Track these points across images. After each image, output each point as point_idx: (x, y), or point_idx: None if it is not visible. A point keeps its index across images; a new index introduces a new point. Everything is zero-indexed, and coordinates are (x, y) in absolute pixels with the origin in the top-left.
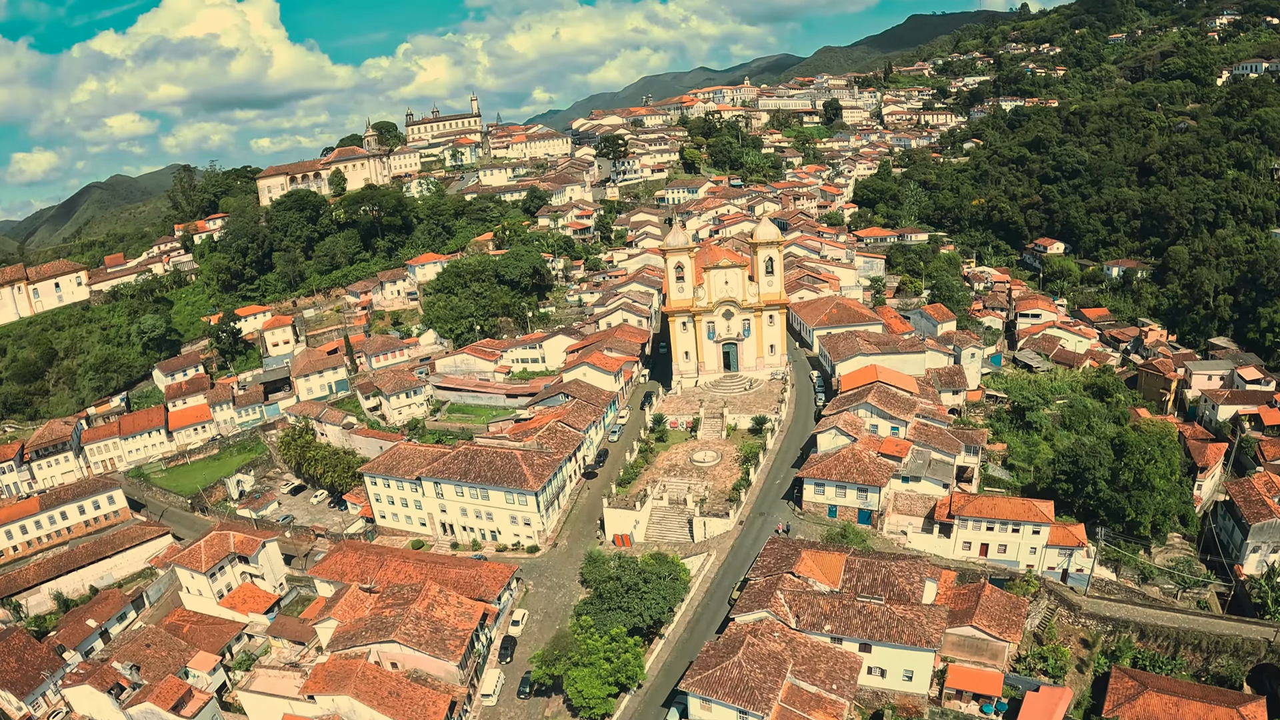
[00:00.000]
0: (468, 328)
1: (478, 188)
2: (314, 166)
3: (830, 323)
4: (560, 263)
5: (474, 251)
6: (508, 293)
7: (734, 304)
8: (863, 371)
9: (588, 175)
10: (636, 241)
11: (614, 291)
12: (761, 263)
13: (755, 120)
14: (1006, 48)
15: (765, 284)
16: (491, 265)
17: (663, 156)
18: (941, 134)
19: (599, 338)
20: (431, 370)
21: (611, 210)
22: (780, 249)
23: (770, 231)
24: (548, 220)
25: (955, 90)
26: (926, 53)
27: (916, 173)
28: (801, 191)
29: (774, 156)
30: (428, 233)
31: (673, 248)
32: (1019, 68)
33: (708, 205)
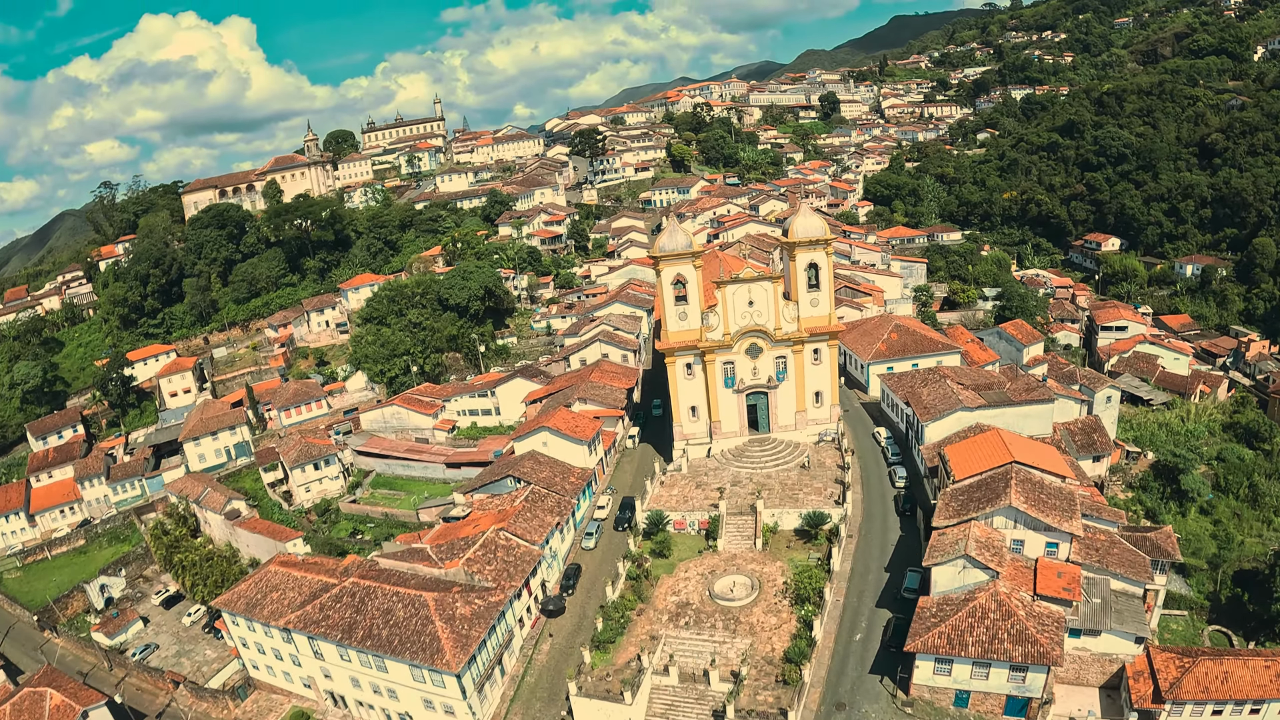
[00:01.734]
0: (403, 368)
1: (433, 195)
2: (246, 178)
3: (892, 353)
4: (524, 280)
5: (417, 270)
6: (454, 321)
7: (763, 334)
8: (979, 443)
9: (560, 177)
10: (619, 251)
11: (590, 316)
12: (801, 272)
13: (747, 116)
14: (1006, 36)
15: (808, 303)
16: (434, 287)
17: (647, 154)
18: (950, 126)
19: (569, 381)
20: (356, 426)
21: (588, 216)
22: (830, 251)
23: (814, 226)
24: (509, 229)
25: (957, 82)
26: (919, 46)
27: (931, 166)
28: (810, 188)
29: (773, 152)
30: (367, 249)
31: (669, 254)
32: (1024, 55)
33: (703, 205)
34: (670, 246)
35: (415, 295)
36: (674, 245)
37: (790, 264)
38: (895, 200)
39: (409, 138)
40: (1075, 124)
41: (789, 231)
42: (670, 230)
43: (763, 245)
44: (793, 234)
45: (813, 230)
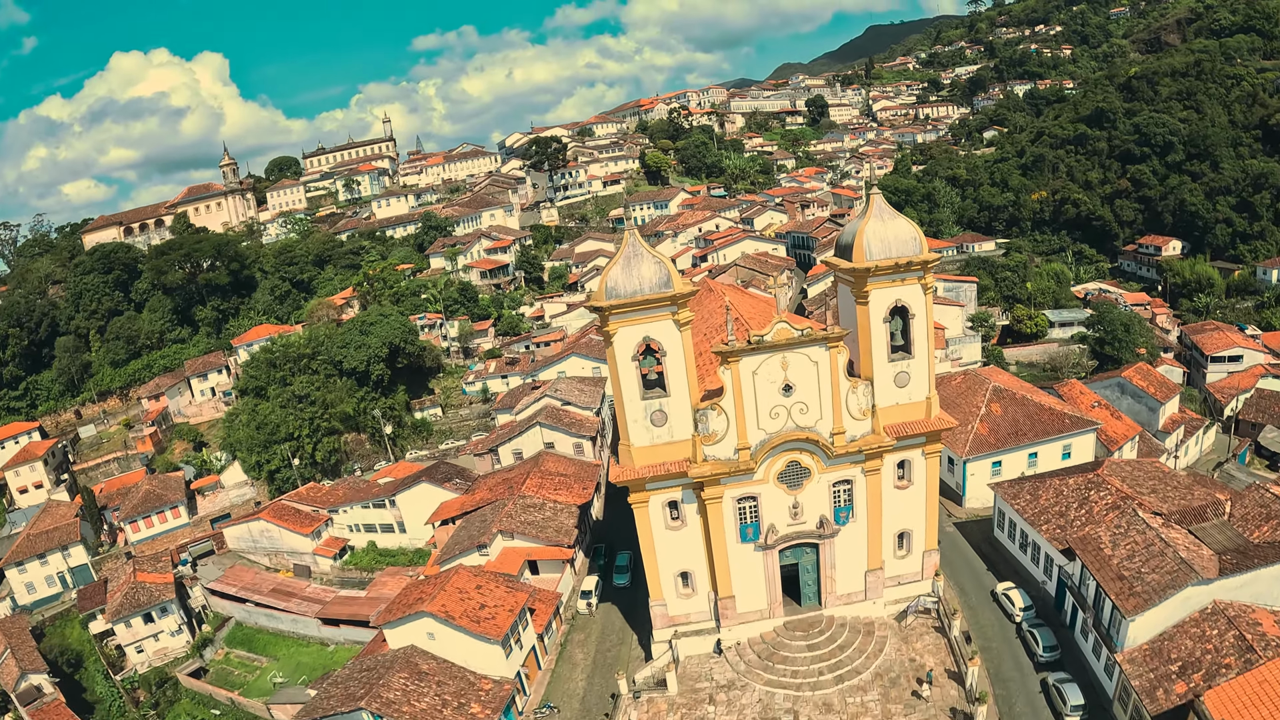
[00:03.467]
0: (285, 459)
1: (368, 223)
2: (155, 212)
3: (998, 439)
4: (453, 328)
5: (318, 319)
6: (351, 391)
7: (812, 445)
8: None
9: (515, 196)
10: (583, 283)
11: (534, 381)
12: (878, 326)
13: (730, 124)
14: (997, 33)
15: (889, 380)
16: (327, 346)
17: (617, 165)
18: (951, 125)
19: (495, 491)
20: (220, 546)
21: (546, 239)
22: (929, 284)
23: (900, 236)
24: (442, 260)
25: (949, 81)
26: (904, 49)
27: (939, 168)
28: (810, 197)
29: (762, 160)
30: (271, 293)
31: (629, 302)
32: (1019, 50)
33: (685, 221)
34: (628, 287)
35: (302, 358)
36: (636, 284)
37: (858, 311)
38: (906, 207)
39: (352, 161)
40: (1105, 112)
41: (853, 249)
42: (629, 258)
43: (764, 267)
44: (861, 252)
45: (900, 245)
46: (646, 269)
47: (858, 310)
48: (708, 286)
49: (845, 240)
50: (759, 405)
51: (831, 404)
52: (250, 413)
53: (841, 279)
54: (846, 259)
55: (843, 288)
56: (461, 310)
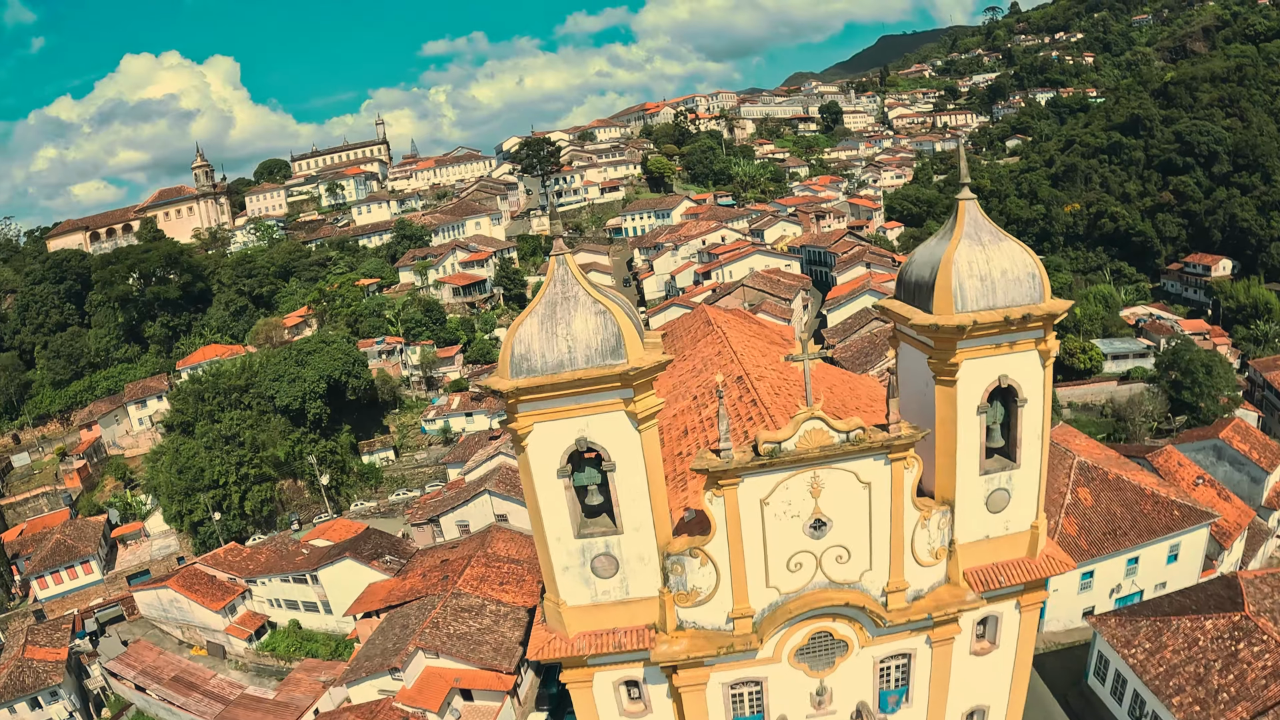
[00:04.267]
0: (207, 509)
1: (345, 230)
2: (124, 216)
3: (1092, 543)
4: (414, 354)
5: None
6: (285, 432)
7: (857, 612)
8: None
9: (505, 203)
10: None
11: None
12: (969, 420)
13: (740, 130)
14: (1015, 40)
15: (978, 500)
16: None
17: (617, 170)
18: (971, 134)
19: (429, 574)
20: (131, 613)
21: (535, 251)
22: (1050, 349)
23: (1012, 267)
24: (411, 275)
25: (967, 89)
26: (919, 56)
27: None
28: (826, 207)
29: (773, 167)
30: (226, 308)
31: (543, 383)
32: (1040, 57)
33: (689, 232)
34: (550, 356)
35: (233, 390)
36: (564, 351)
37: (937, 395)
38: (928, 220)
39: (343, 164)
40: (1140, 119)
41: (934, 292)
42: (554, 304)
43: (777, 288)
44: (948, 298)
45: (1010, 285)
46: (582, 324)
47: (937, 393)
48: (704, 319)
49: (918, 275)
50: (770, 552)
51: (889, 546)
52: (173, 453)
53: (908, 337)
54: (921, 306)
55: (907, 350)
56: (426, 333)
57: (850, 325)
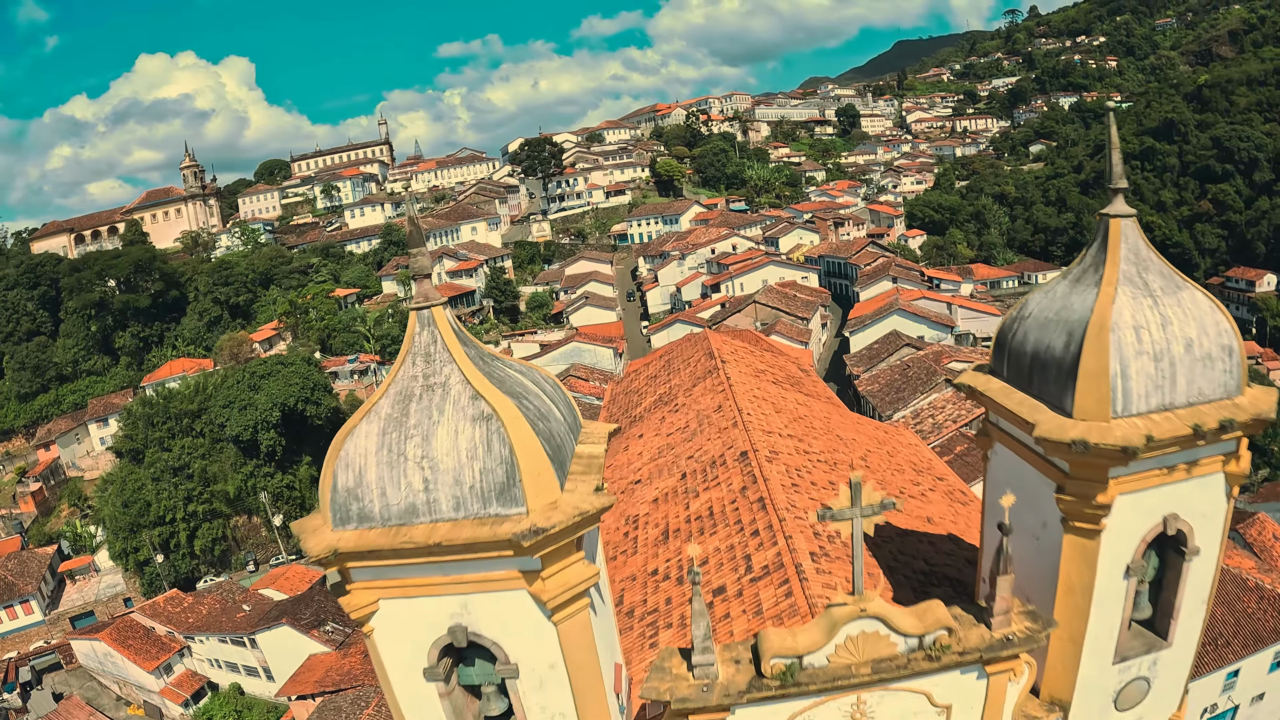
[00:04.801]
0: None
1: (338, 234)
2: (110, 218)
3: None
4: None
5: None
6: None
7: None
8: None
9: (504, 207)
10: (568, 314)
11: None
12: (1110, 584)
13: (754, 132)
14: (1036, 44)
15: (1108, 697)
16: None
17: (624, 173)
18: (992, 138)
19: (370, 663)
20: (69, 662)
21: (532, 259)
22: (1242, 467)
23: (1201, 342)
24: (394, 286)
25: (987, 93)
26: (938, 59)
27: (985, 184)
28: (844, 214)
29: (789, 170)
30: (200, 318)
31: (386, 548)
32: (1061, 61)
33: (698, 240)
34: (395, 498)
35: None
36: (415, 492)
37: (1066, 547)
38: (951, 228)
39: (340, 165)
40: (1174, 124)
41: (1074, 377)
42: (406, 398)
43: (793, 304)
44: (1100, 395)
45: (1197, 372)
46: (449, 441)
47: (1066, 546)
48: (706, 349)
49: (1040, 343)
50: None
51: None
52: (120, 483)
53: (1016, 444)
54: (1049, 399)
55: (1008, 461)
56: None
57: (876, 352)
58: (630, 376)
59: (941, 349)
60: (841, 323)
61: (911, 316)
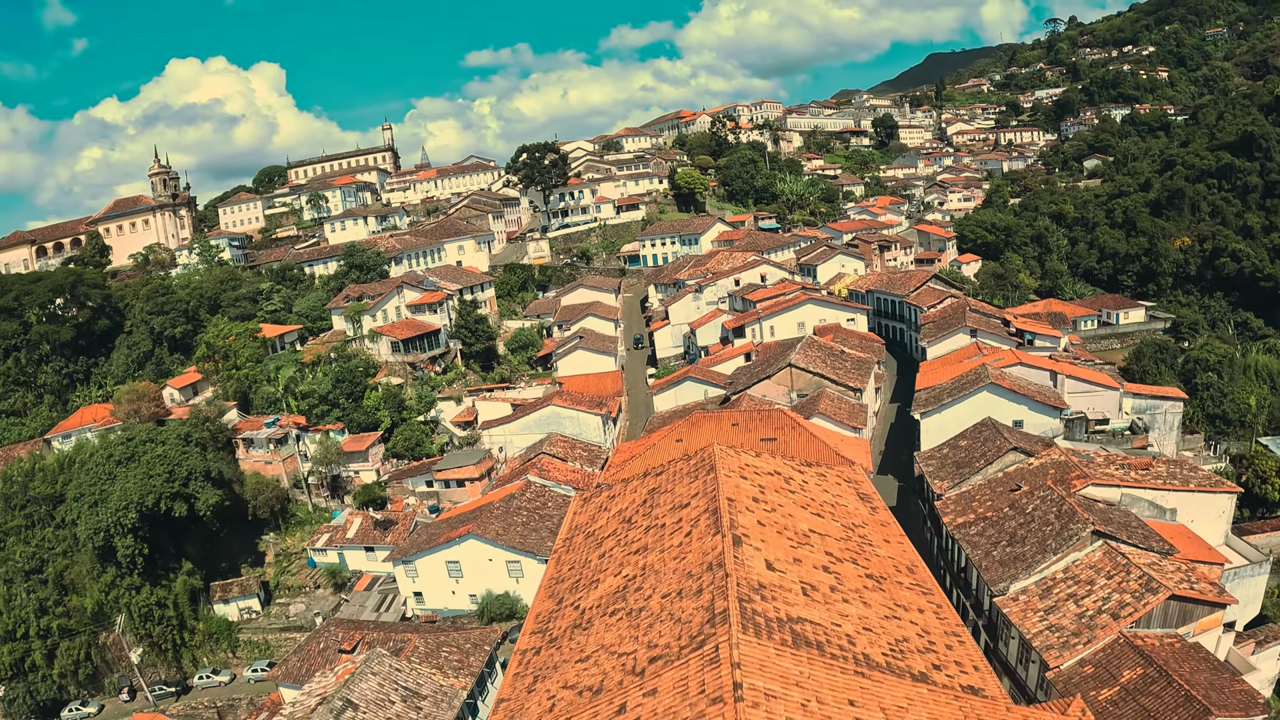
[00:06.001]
0: (15, 662)
1: (303, 254)
2: (73, 230)
3: None
4: (312, 446)
5: (127, 410)
6: (96, 571)
7: None
8: None
9: (499, 221)
10: (558, 359)
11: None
12: None
13: (785, 143)
14: (1080, 54)
15: None
16: (78, 485)
17: (639, 185)
18: (1041, 152)
19: None
20: None
21: (525, 285)
22: None
23: None
24: (344, 322)
25: (1031, 104)
26: (977, 70)
27: (1040, 202)
28: (888, 234)
29: (824, 185)
30: (130, 352)
31: None
32: (1110, 71)
33: (720, 266)
34: None
35: (44, 501)
36: None
37: None
38: (1007, 251)
39: (337, 173)
40: (1255, 138)
41: None
42: None
43: (840, 368)
44: None
45: None
46: None
47: None
48: (711, 495)
49: None
50: None
51: None
52: None
53: None
54: None
55: None
56: (334, 413)
57: (966, 455)
58: (600, 502)
59: (1065, 458)
60: (897, 381)
61: (1007, 394)
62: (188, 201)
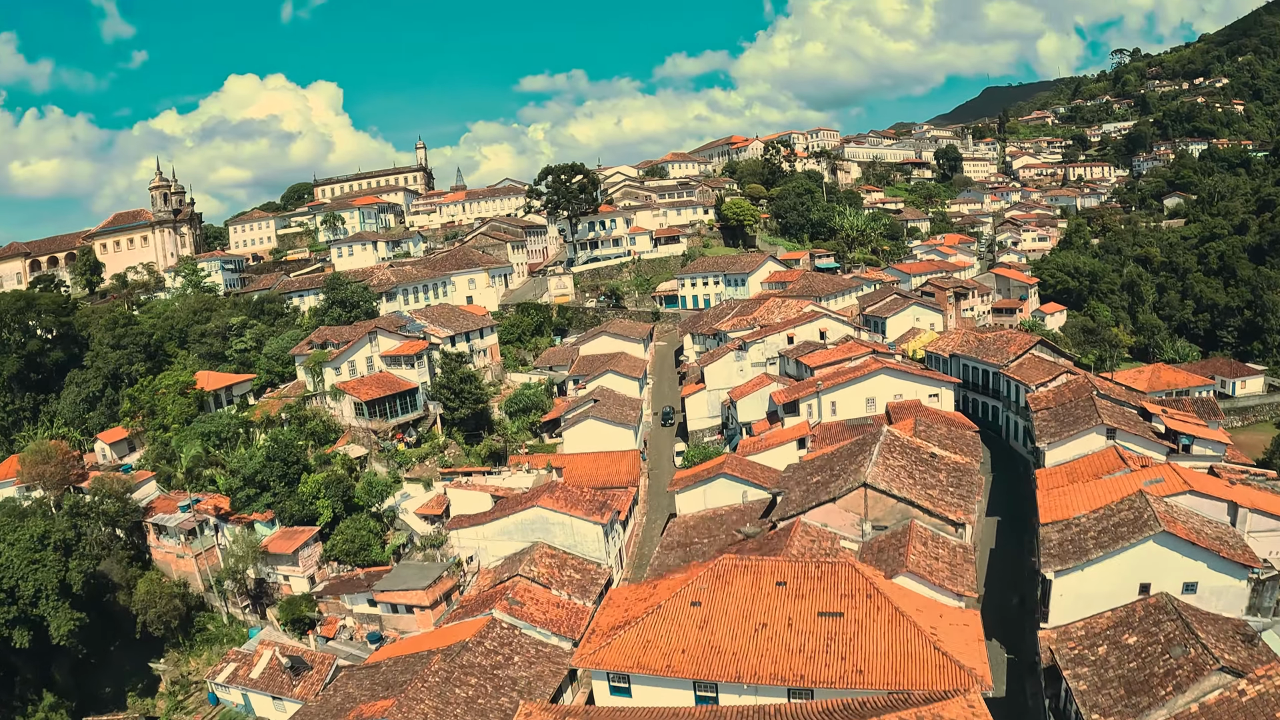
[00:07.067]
0: None
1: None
2: (70, 243)
3: None
4: (236, 540)
5: (46, 476)
6: None
7: None
8: None
9: (520, 252)
10: (566, 427)
11: None
12: None
13: (843, 173)
14: (1149, 86)
15: None
16: None
17: (681, 215)
18: (1115, 189)
19: None
20: None
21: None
22: None
23: None
24: (304, 375)
25: (1098, 138)
26: (1039, 103)
27: (1123, 244)
28: (966, 281)
29: (886, 220)
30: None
31: None
32: (1183, 104)
33: (769, 316)
34: None
35: None
36: None
37: None
38: (1091, 299)
39: (365, 191)
40: None
41: None
42: None
43: (933, 481)
44: None
45: None
46: None
47: None
48: None
49: None
50: None
51: None
52: None
53: None
54: None
55: None
56: (264, 499)
57: (1139, 661)
58: None
59: (1273, 666)
60: (993, 479)
61: (1181, 546)
62: (190, 218)
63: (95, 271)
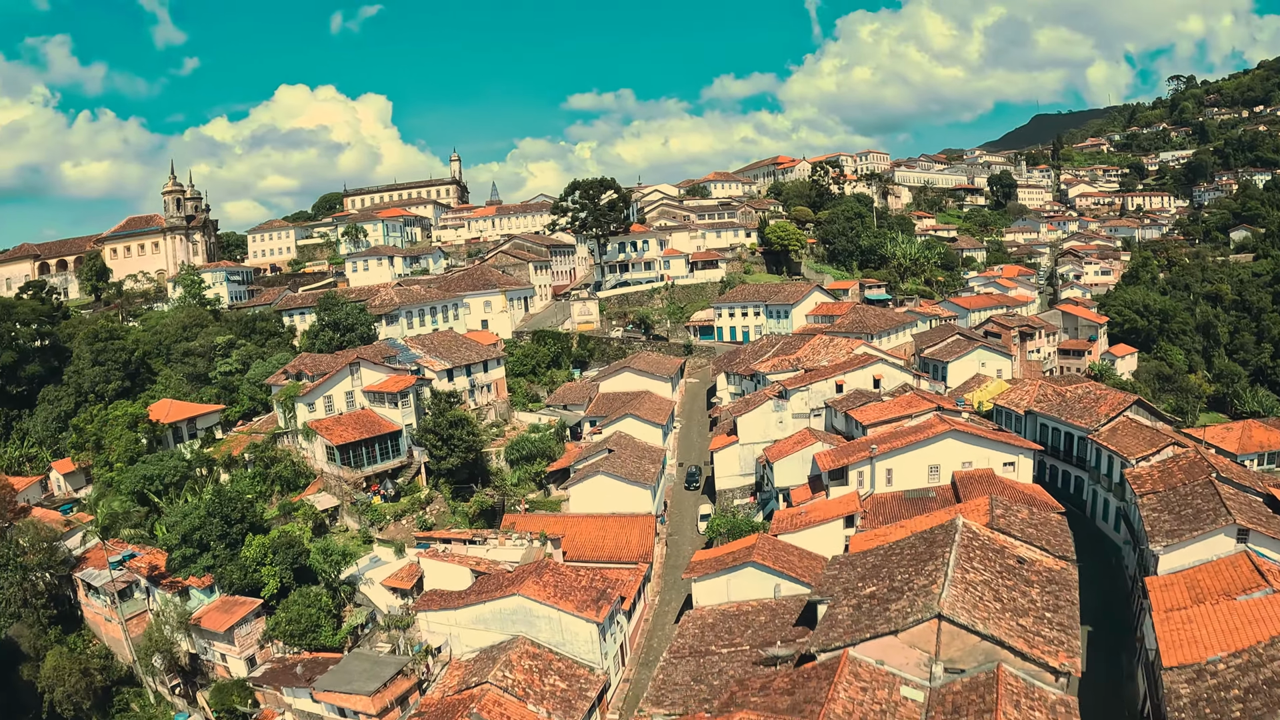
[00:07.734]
0: None
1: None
2: (80, 247)
3: None
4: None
5: None
6: None
7: None
8: None
9: (543, 273)
10: (574, 481)
11: None
12: None
13: (894, 198)
14: (1207, 114)
15: None
16: None
17: (720, 237)
18: (1177, 220)
19: None
20: None
21: (556, 360)
22: None
23: None
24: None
25: (1156, 166)
26: (1093, 129)
27: (1192, 280)
28: (1032, 319)
29: (940, 248)
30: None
31: None
32: (1245, 132)
33: (814, 356)
34: None
35: None
36: None
37: None
38: (1160, 341)
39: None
40: None
41: None
42: None
43: (1024, 610)
44: None
45: None
46: None
47: None
48: None
49: None
50: None
51: None
52: None
53: None
54: None
55: None
56: (204, 559)
57: None
58: None
59: None
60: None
61: None
62: (204, 225)
63: (101, 277)
